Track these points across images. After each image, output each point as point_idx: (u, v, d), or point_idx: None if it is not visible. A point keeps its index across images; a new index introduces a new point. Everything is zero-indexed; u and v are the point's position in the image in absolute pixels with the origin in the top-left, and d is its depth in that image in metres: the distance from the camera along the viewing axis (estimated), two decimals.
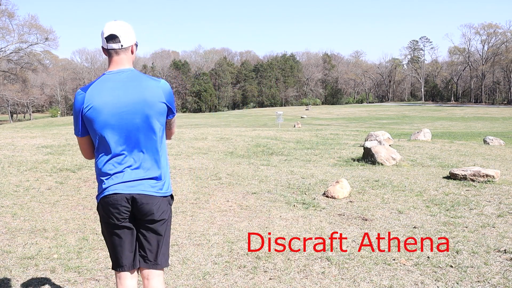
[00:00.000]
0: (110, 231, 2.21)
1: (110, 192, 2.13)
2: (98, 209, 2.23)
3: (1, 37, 61.69)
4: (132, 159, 2.15)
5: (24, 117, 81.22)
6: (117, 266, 2.25)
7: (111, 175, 2.14)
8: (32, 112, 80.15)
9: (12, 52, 65.11)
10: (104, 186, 2.16)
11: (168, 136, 2.38)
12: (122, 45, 2.15)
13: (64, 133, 14.03)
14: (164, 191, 2.23)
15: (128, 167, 2.15)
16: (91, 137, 2.21)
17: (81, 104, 2.11)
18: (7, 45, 63.27)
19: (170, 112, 2.25)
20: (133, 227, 2.22)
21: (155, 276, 2.27)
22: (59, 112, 77.32)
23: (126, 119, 2.10)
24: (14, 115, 79.45)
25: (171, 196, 2.30)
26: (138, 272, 2.32)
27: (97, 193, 2.22)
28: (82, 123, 2.15)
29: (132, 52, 2.22)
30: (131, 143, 2.14)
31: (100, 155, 2.17)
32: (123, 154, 2.14)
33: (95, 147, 2.21)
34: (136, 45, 2.26)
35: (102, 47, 2.19)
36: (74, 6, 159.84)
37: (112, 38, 2.13)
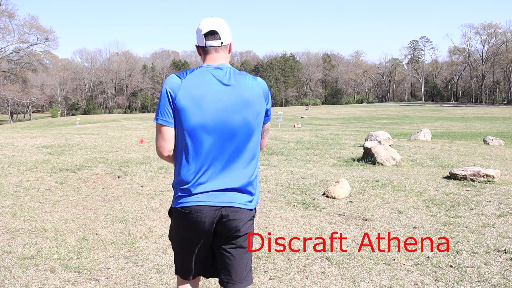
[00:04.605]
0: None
1: (195, 204, 1.92)
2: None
3: (1, 37, 61.76)
4: (221, 165, 1.93)
5: (24, 117, 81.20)
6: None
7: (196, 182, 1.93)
8: (32, 112, 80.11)
9: (12, 52, 65.18)
10: (182, 194, 1.95)
11: (261, 145, 2.14)
12: (222, 42, 1.96)
13: (64, 133, 14.03)
14: (253, 204, 2.04)
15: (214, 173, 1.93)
16: (175, 130, 1.93)
17: (177, 90, 1.88)
18: (7, 45, 63.35)
19: (266, 115, 2.05)
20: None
21: None
22: (59, 112, 77.24)
23: (224, 118, 1.89)
24: (14, 115, 79.41)
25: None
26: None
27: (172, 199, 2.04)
28: (172, 111, 1.91)
29: (229, 51, 2.03)
30: (225, 147, 1.92)
31: (182, 156, 1.93)
32: (213, 158, 1.91)
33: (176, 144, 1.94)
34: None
35: (198, 46, 1.99)
36: (74, 6, 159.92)
37: (212, 34, 1.94)
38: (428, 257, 3.74)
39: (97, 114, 76.06)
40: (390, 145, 10.47)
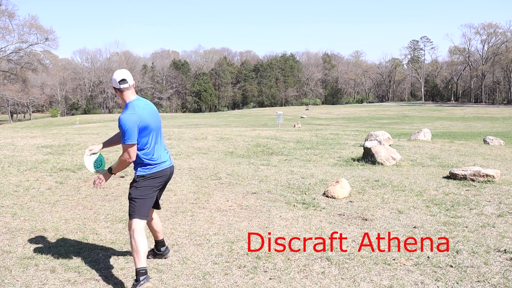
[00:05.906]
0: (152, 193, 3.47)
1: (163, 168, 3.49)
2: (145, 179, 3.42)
3: (1, 37, 61.79)
4: (162, 147, 3.52)
5: (24, 117, 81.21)
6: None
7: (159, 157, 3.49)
8: (32, 112, 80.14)
9: (12, 52, 65.22)
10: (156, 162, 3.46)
11: None
12: (129, 84, 3.35)
13: (64, 133, 14.02)
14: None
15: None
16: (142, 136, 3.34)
17: (138, 120, 3.25)
18: (7, 45, 63.38)
19: None
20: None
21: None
22: (59, 112, 77.31)
23: (158, 125, 3.47)
24: (14, 115, 79.43)
25: None
26: None
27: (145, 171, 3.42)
28: (138, 131, 3.28)
29: (133, 87, 3.41)
30: (160, 139, 3.51)
31: (147, 147, 3.38)
32: (157, 145, 3.47)
33: (143, 145, 3.35)
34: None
35: (114, 87, 3.35)
36: (74, 6, 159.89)
37: (123, 80, 3.32)
38: (428, 257, 3.74)
39: (97, 114, 76.03)
40: (390, 145, 10.47)
